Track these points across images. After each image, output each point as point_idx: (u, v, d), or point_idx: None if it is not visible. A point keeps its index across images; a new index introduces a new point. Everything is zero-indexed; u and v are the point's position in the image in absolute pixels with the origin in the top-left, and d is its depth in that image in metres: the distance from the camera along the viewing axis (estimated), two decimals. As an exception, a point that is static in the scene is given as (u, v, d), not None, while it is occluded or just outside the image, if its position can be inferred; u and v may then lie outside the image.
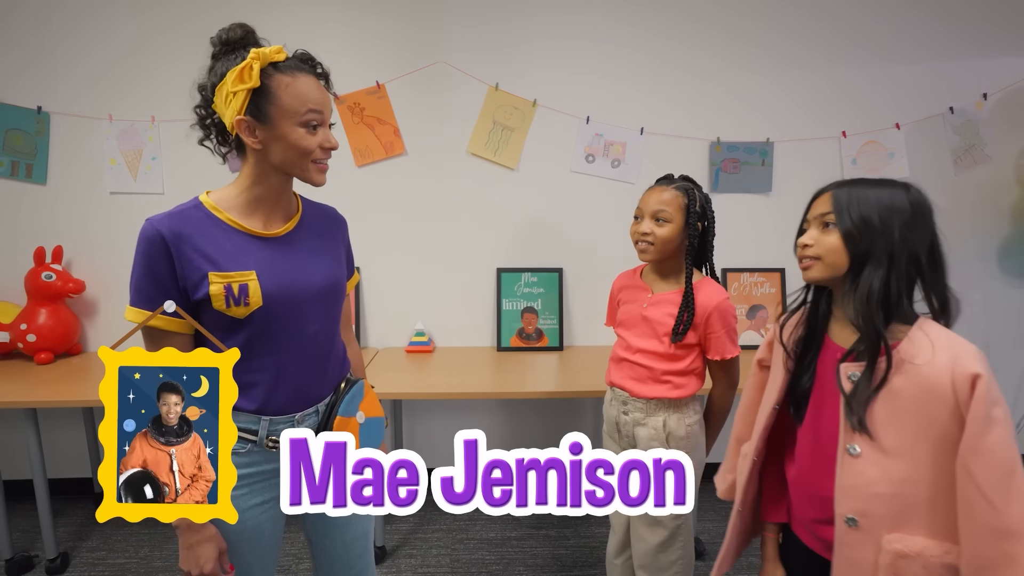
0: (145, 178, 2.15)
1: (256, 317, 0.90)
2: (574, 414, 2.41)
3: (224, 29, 0.90)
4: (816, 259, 0.84)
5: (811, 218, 0.87)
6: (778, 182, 2.26)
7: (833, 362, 0.85)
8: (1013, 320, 2.39)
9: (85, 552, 1.98)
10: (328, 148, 0.92)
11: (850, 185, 0.84)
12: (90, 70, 2.09)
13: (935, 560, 0.74)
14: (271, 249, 0.93)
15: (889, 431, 0.77)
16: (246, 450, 0.94)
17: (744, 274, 2.31)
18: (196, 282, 0.87)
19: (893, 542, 0.76)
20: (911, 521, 0.76)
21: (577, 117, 2.20)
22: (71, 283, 2.09)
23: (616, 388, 1.36)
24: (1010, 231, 2.31)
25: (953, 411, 0.73)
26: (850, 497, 0.79)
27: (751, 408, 1.06)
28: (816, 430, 0.89)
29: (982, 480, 0.70)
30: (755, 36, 2.17)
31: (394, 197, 2.21)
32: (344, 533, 1.08)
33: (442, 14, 2.12)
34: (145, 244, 0.86)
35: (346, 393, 1.00)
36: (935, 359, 0.75)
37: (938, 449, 0.74)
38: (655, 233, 1.26)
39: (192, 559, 0.90)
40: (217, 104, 0.90)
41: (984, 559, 0.70)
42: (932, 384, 0.74)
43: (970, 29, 2.19)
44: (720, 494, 1.13)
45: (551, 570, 1.89)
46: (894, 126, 2.23)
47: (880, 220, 0.80)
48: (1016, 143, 2.27)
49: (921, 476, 0.76)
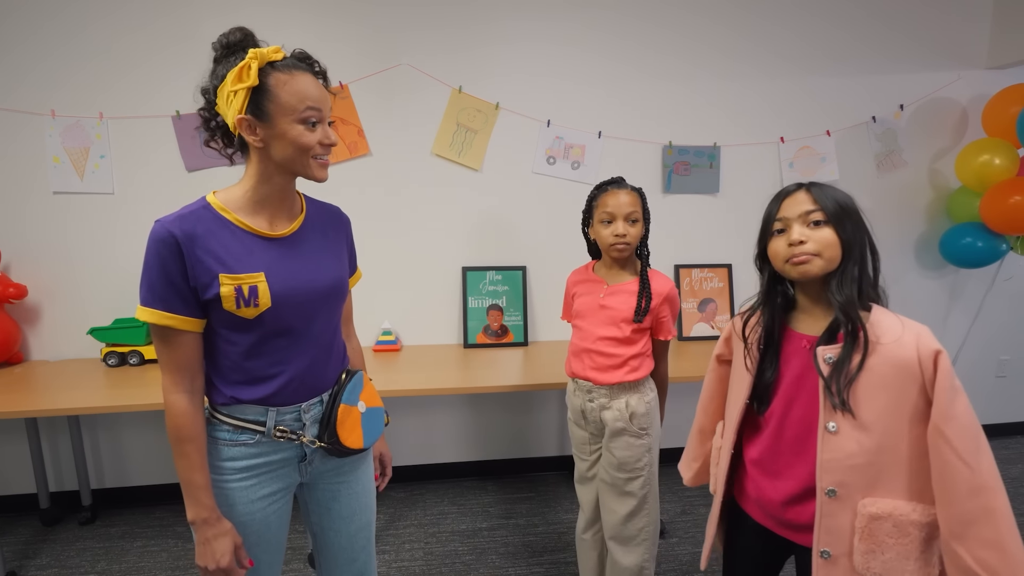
0: (93, 177, 2.06)
1: (265, 317, 0.92)
2: (539, 405, 2.50)
3: (224, 33, 0.91)
4: (815, 255, 0.87)
5: (791, 217, 0.90)
6: (725, 183, 2.42)
7: (799, 351, 0.91)
8: (929, 309, 2.66)
9: (34, 570, 1.88)
10: (328, 144, 0.94)
11: (816, 186, 0.91)
12: (27, 62, 1.98)
13: (903, 518, 0.82)
14: (277, 250, 0.95)
15: (863, 406, 0.83)
16: (254, 441, 0.96)
17: (695, 270, 2.46)
18: (206, 283, 0.88)
19: (867, 506, 0.84)
20: (882, 486, 0.84)
21: (538, 120, 2.27)
22: (11, 288, 1.98)
23: (579, 379, 1.45)
24: (924, 229, 2.58)
25: (919, 384, 0.81)
26: (830, 471, 0.85)
27: (712, 400, 1.13)
28: (783, 416, 0.93)
29: (956, 443, 0.77)
30: (702, 54, 2.32)
31: (359, 197, 2.21)
32: (348, 525, 1.10)
33: (406, 17, 2.14)
34: (157, 245, 0.86)
35: (347, 383, 1.04)
36: (902, 338, 0.83)
37: (906, 419, 0.82)
38: (630, 233, 1.36)
39: (208, 554, 0.91)
40: (220, 105, 0.91)
41: (966, 515, 0.77)
42: (901, 361, 0.82)
43: (889, 47, 2.43)
44: (687, 482, 1.20)
45: (523, 556, 1.96)
46: (825, 133, 2.44)
47: (851, 216, 0.88)
48: (930, 149, 2.53)
49: (891, 445, 0.83)
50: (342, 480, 1.09)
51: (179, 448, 0.90)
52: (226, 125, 0.94)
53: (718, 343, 1.11)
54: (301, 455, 1.01)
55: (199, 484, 0.90)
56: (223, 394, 0.95)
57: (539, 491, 2.39)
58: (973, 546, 0.77)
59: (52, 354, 2.13)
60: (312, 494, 1.09)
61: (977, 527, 0.77)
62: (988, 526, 0.76)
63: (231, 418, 0.95)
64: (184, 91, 2.05)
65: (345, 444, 1.00)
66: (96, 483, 2.25)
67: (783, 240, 0.90)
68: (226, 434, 0.95)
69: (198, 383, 0.93)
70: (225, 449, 0.95)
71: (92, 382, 1.85)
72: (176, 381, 0.90)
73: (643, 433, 1.39)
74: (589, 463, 1.50)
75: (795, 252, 0.88)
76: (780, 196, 0.93)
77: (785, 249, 0.90)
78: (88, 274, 2.10)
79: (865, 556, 0.85)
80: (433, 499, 2.32)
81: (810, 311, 0.94)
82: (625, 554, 1.44)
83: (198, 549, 0.92)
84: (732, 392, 1.05)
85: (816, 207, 0.88)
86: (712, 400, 1.13)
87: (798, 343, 0.93)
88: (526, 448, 2.53)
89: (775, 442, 0.95)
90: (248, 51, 0.87)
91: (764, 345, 0.96)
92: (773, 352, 0.95)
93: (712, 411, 1.13)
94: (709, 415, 1.14)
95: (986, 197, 2.27)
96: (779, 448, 0.94)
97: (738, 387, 1.01)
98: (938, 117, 2.50)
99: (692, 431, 1.18)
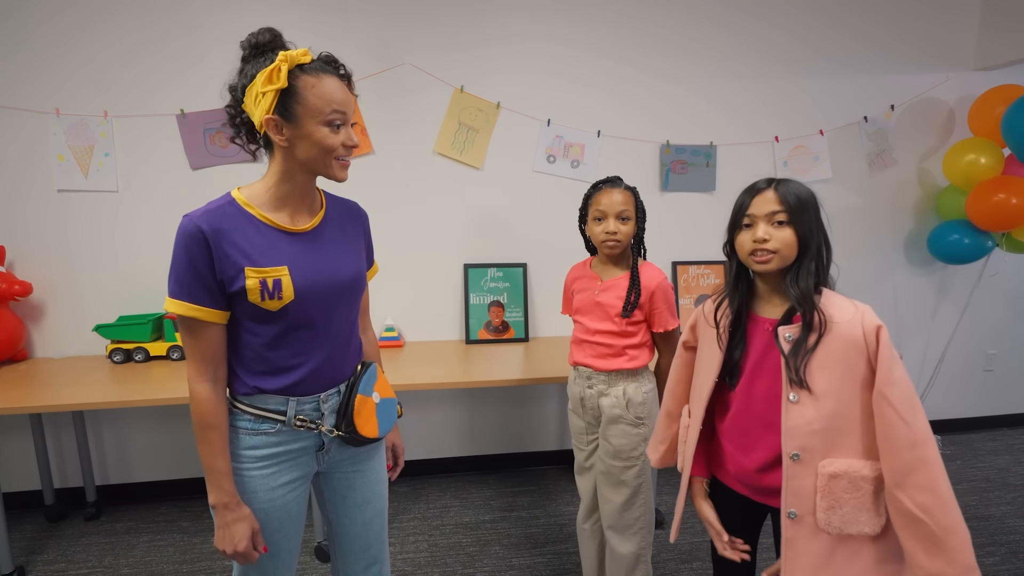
0: (97, 175, 2.07)
1: (288, 310, 0.95)
2: (540, 400, 2.54)
3: (253, 33, 0.94)
4: (774, 253, 0.97)
5: (758, 215, 0.98)
6: (721, 182, 2.47)
7: (763, 332, 1.01)
8: (918, 305, 2.73)
9: (41, 566, 1.90)
10: (350, 147, 0.98)
11: (783, 183, 0.99)
12: (31, 61, 1.99)
13: (856, 474, 0.92)
14: (299, 244, 0.98)
15: (819, 378, 0.93)
16: (275, 430, 0.99)
17: (692, 267, 2.51)
18: (233, 276, 0.91)
19: (826, 466, 0.93)
20: (838, 447, 0.94)
21: (538, 119, 2.31)
22: (16, 285, 1.99)
23: (580, 367, 1.51)
24: (914, 227, 2.65)
25: (865, 356, 0.92)
26: (793, 437, 0.95)
27: (679, 384, 1.19)
28: (750, 391, 1.03)
29: (897, 404, 0.88)
30: (699, 54, 2.37)
31: (362, 195, 2.20)
32: (362, 513, 1.14)
33: (408, 17, 2.17)
34: (186, 238, 0.89)
35: (363, 375, 1.07)
36: (852, 318, 0.93)
37: (856, 386, 0.92)
38: (621, 230, 1.41)
39: (227, 538, 0.94)
40: (247, 104, 0.94)
41: (905, 466, 0.87)
42: (850, 337, 0.93)
43: (881, 48, 2.49)
44: (655, 464, 1.26)
45: (525, 547, 2.00)
46: (818, 132, 2.50)
47: (811, 214, 0.98)
48: (919, 148, 2.60)
49: (845, 410, 0.93)
50: (357, 469, 1.12)
51: (202, 435, 0.93)
52: (251, 122, 0.97)
53: (684, 331, 1.19)
54: (319, 444, 1.05)
55: (221, 470, 0.94)
56: (246, 384, 0.98)
57: (540, 484, 2.43)
58: (912, 492, 0.87)
59: (56, 351, 2.14)
60: (328, 483, 1.12)
61: (915, 475, 0.87)
62: (923, 473, 0.87)
63: (253, 408, 0.98)
64: (188, 89, 2.07)
65: (361, 433, 1.04)
66: (101, 479, 2.27)
67: (749, 235, 1.00)
68: (248, 423, 0.98)
69: (221, 373, 0.96)
70: (246, 438, 0.98)
71: (97, 378, 1.86)
72: (201, 370, 0.93)
73: (639, 422, 1.43)
74: (587, 453, 1.55)
75: (757, 248, 0.98)
76: (752, 192, 1.01)
77: (750, 244, 0.99)
78: (92, 271, 2.12)
79: (827, 513, 0.94)
80: (436, 493, 2.36)
81: (768, 298, 1.04)
82: (622, 542, 1.48)
83: (217, 533, 0.95)
84: (699, 373, 1.12)
85: (781, 208, 0.97)
86: (679, 384, 1.19)
87: (761, 326, 1.03)
88: (527, 442, 2.57)
89: (744, 416, 1.04)
90: (277, 53, 0.90)
91: (732, 328, 1.05)
92: (740, 334, 1.05)
93: (679, 395, 1.20)
94: (676, 398, 1.20)
95: (971, 195, 2.33)
96: (748, 421, 1.04)
97: (706, 367, 1.08)
98: (927, 117, 2.57)
99: (659, 415, 1.25)
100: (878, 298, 2.64)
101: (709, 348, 1.08)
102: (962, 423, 2.92)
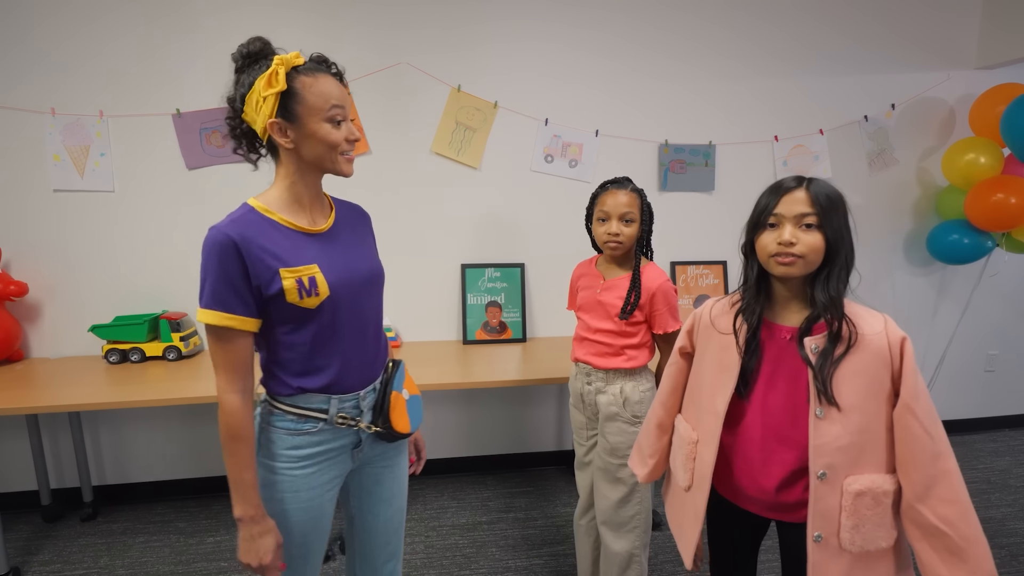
0: (93, 175, 2.06)
1: (324, 306, 0.97)
2: (537, 401, 2.53)
3: (243, 44, 0.95)
4: (800, 257, 0.90)
5: (787, 216, 0.91)
6: (720, 181, 2.46)
7: (780, 341, 0.95)
8: (917, 303, 2.72)
9: (37, 566, 1.89)
10: (353, 140, 0.99)
11: (815, 182, 0.92)
12: (27, 61, 1.98)
13: (879, 489, 0.89)
14: (321, 243, 1.00)
15: (844, 391, 0.89)
16: (317, 429, 1.00)
17: (691, 267, 2.50)
18: (268, 279, 0.92)
19: (851, 484, 0.89)
20: (861, 463, 0.90)
21: (536, 119, 2.30)
22: (12, 285, 1.99)
23: (581, 363, 1.51)
24: (913, 226, 2.64)
25: (889, 368, 0.89)
26: (821, 455, 0.90)
27: (673, 394, 1.11)
28: (765, 403, 0.97)
29: (923, 418, 0.86)
30: (698, 54, 2.36)
31: (359, 195, 2.20)
32: (387, 508, 1.16)
33: (405, 16, 2.16)
34: (216, 248, 0.89)
35: (395, 372, 1.10)
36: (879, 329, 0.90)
37: (880, 400, 0.89)
38: (624, 232, 1.40)
39: (253, 551, 0.94)
40: (247, 112, 0.95)
41: (928, 479, 0.85)
42: (876, 348, 0.89)
43: (881, 47, 2.47)
44: (642, 479, 1.19)
45: (522, 549, 2.00)
46: (818, 132, 2.48)
47: (841, 216, 0.91)
48: (919, 148, 2.58)
49: (868, 424, 0.89)
50: (386, 465, 1.15)
51: (231, 447, 0.93)
52: (251, 131, 0.99)
53: (680, 335, 1.12)
54: (355, 442, 1.06)
55: (248, 482, 0.93)
56: (288, 385, 0.98)
57: (537, 485, 2.42)
58: (935, 504, 0.85)
59: (53, 351, 2.14)
60: (356, 479, 1.14)
61: (938, 487, 0.85)
62: (945, 485, 0.85)
63: (295, 408, 0.99)
64: (184, 89, 2.06)
65: (396, 429, 1.06)
66: (97, 480, 2.26)
67: (773, 236, 0.92)
68: (290, 423, 0.99)
69: (248, 383, 0.96)
70: (288, 438, 0.99)
71: (93, 379, 1.86)
72: (231, 380, 0.93)
73: (636, 421, 1.43)
74: (586, 448, 1.55)
75: (783, 251, 0.91)
76: (779, 190, 0.93)
77: (774, 246, 0.92)
78: (88, 271, 2.11)
79: (851, 532, 0.90)
80: (433, 494, 2.35)
81: (787, 304, 0.98)
82: (615, 540, 1.48)
83: (242, 545, 0.94)
84: (703, 382, 1.05)
85: (812, 210, 0.90)
86: (673, 393, 1.12)
87: (777, 334, 0.97)
88: (524, 443, 2.56)
89: (758, 429, 0.98)
90: (271, 59, 0.92)
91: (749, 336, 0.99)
92: (756, 342, 0.99)
93: (671, 405, 1.13)
94: (668, 409, 1.13)
95: (970, 195, 2.32)
96: (763, 435, 0.97)
97: (716, 376, 1.02)
98: (928, 116, 2.56)
99: (648, 426, 1.17)
100: (878, 298, 2.62)
101: (719, 355, 1.02)
102: (963, 424, 2.91)
